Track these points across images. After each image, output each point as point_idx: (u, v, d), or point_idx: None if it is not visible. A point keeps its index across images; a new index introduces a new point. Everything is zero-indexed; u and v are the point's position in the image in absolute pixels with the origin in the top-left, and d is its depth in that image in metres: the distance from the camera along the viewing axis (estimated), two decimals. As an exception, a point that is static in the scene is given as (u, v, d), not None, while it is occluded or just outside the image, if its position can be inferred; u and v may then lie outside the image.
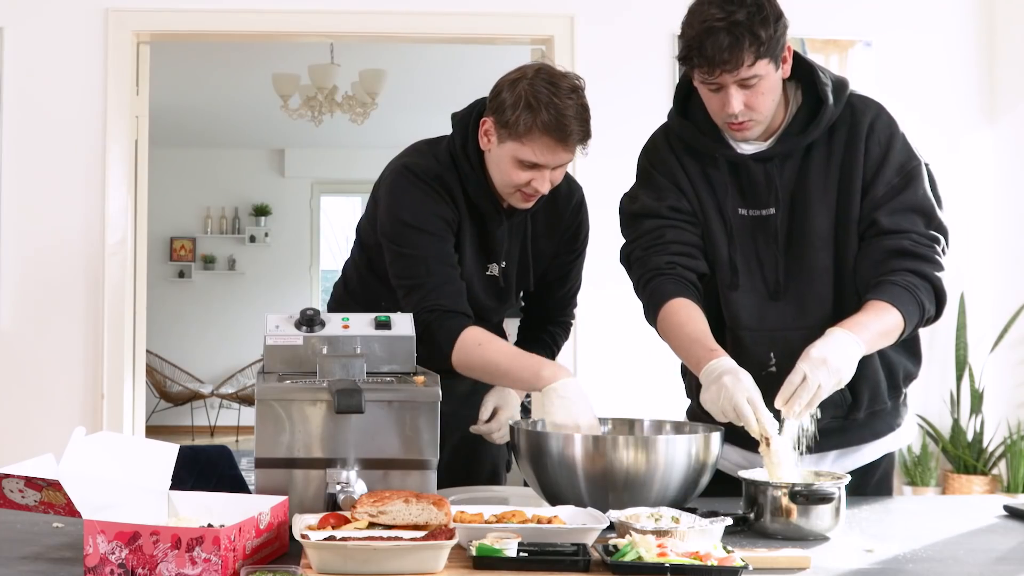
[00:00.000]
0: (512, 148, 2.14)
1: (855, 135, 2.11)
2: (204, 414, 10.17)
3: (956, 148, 4.79)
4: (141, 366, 4.84)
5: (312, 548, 1.50)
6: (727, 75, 2.00)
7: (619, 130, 4.75)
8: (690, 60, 2.02)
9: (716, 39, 1.97)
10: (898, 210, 2.09)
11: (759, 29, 1.98)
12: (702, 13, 2.00)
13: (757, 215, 2.15)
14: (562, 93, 2.10)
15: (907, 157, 2.12)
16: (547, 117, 2.08)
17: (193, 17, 4.68)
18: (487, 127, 2.19)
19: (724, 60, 1.98)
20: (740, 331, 2.15)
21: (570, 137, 2.11)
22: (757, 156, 2.13)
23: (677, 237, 2.15)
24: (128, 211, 4.66)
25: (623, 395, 4.47)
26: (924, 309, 2.05)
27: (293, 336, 1.92)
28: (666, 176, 2.20)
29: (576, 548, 1.56)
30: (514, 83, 2.13)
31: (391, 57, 6.96)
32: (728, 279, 2.16)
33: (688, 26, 2.02)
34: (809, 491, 1.78)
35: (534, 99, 2.09)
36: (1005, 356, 4.91)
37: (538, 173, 2.15)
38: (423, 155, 2.28)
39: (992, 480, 4.82)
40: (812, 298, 2.13)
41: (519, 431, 1.95)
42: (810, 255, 2.13)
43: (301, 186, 10.69)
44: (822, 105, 2.10)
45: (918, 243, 2.07)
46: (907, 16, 4.86)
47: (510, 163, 2.15)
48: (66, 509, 1.63)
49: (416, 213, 2.21)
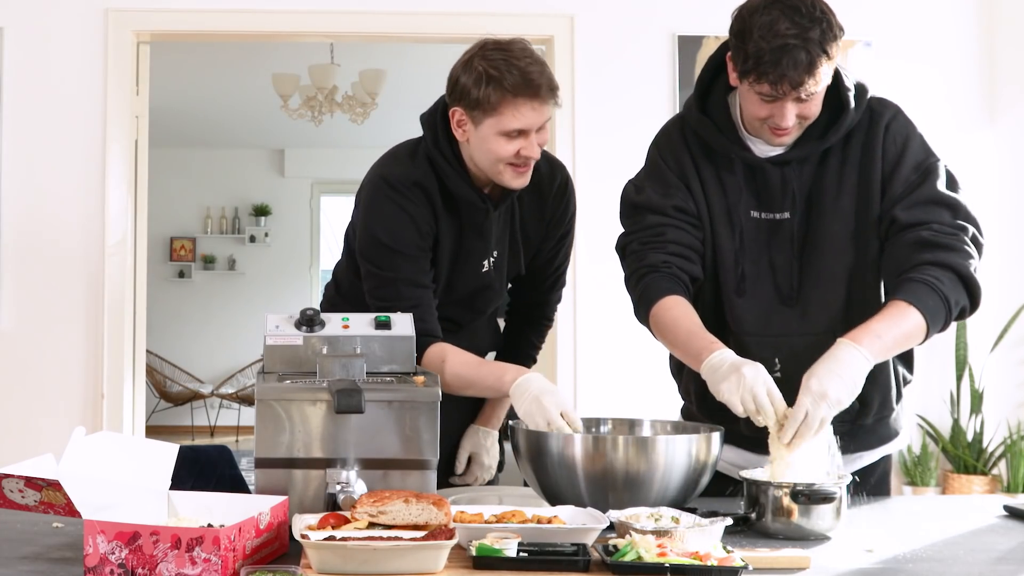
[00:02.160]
0: (492, 124, 2.14)
1: (872, 138, 2.09)
2: (204, 414, 10.17)
3: (956, 148, 4.79)
4: (141, 366, 4.84)
5: (312, 548, 1.49)
6: (798, 90, 1.95)
7: (619, 130, 4.77)
8: (760, 76, 1.95)
9: (793, 58, 1.91)
10: (917, 204, 2.05)
11: (830, 45, 1.94)
12: (772, 27, 1.92)
13: (771, 218, 2.12)
14: (516, 55, 2.12)
15: (924, 155, 2.09)
16: (512, 80, 2.10)
17: (193, 17, 4.69)
18: (458, 117, 2.18)
19: (800, 81, 1.93)
20: (744, 336, 2.12)
21: (540, 90, 2.12)
22: (775, 159, 2.10)
23: (677, 238, 2.12)
24: (128, 211, 4.66)
25: (623, 395, 4.48)
26: (949, 303, 1.97)
27: (293, 336, 1.92)
28: (676, 173, 2.16)
29: (576, 548, 1.55)
30: (467, 64, 2.15)
31: (391, 57, 6.96)
32: (735, 284, 2.13)
33: (757, 39, 1.93)
34: (811, 491, 1.78)
35: (494, 70, 2.10)
36: (1005, 356, 4.91)
37: (525, 140, 2.15)
38: (400, 161, 2.27)
39: (992, 480, 4.83)
40: (820, 304, 2.10)
41: (519, 431, 1.95)
42: (820, 260, 2.10)
43: (301, 186, 10.69)
44: (843, 110, 2.06)
45: (939, 232, 2.02)
46: (907, 16, 4.86)
47: (495, 140, 2.15)
48: (66, 509, 1.63)
49: (391, 232, 2.20)
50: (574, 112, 4.72)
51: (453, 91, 2.17)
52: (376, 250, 2.22)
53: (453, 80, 2.17)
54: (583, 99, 4.74)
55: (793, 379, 1.96)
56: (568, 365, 4.71)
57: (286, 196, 10.65)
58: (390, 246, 2.20)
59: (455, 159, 2.23)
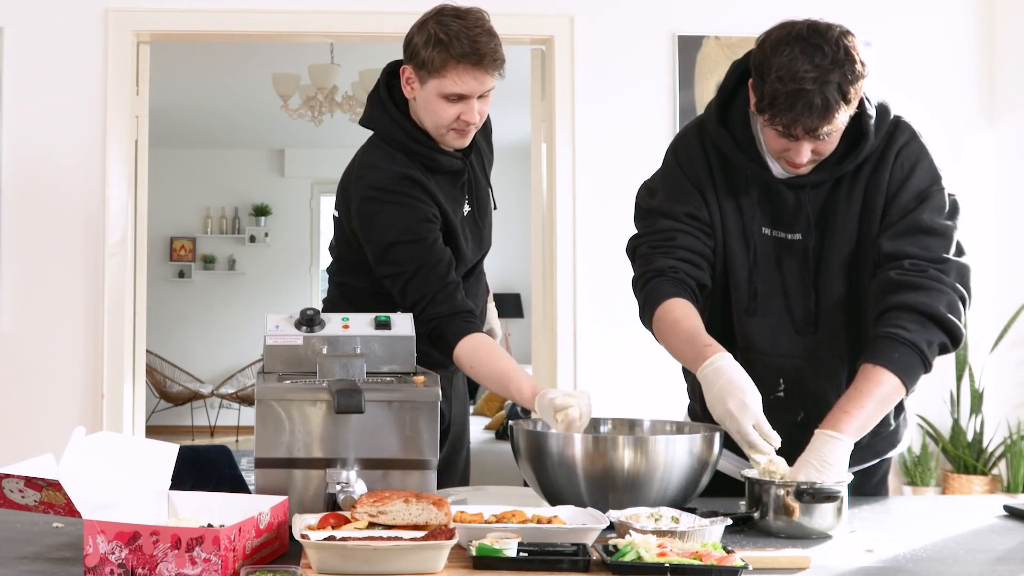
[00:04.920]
0: (435, 85, 2.21)
1: (883, 162, 2.05)
2: (204, 414, 10.17)
3: (956, 148, 4.80)
4: (141, 366, 4.84)
5: (312, 548, 1.49)
6: (807, 135, 1.93)
7: (618, 130, 4.77)
8: (774, 116, 1.92)
9: (808, 101, 1.87)
10: (901, 233, 2.02)
11: (849, 88, 1.89)
12: (791, 68, 1.88)
13: (783, 237, 2.09)
14: (470, 23, 2.19)
15: (928, 183, 2.05)
16: (460, 46, 2.17)
17: (193, 17, 4.68)
18: (408, 75, 2.26)
19: (814, 127, 1.90)
20: (752, 354, 2.10)
21: (484, 59, 2.18)
22: (790, 182, 2.07)
23: (687, 244, 2.10)
24: (128, 211, 4.66)
25: (623, 395, 4.48)
26: (920, 348, 1.94)
27: (293, 336, 1.92)
28: (692, 180, 2.13)
29: (576, 548, 1.55)
30: (422, 26, 2.22)
31: (391, 57, 6.93)
32: (746, 303, 2.11)
33: (774, 79, 1.90)
34: (814, 490, 1.78)
35: (444, 34, 2.17)
36: (1005, 356, 4.91)
37: (465, 105, 2.22)
38: (377, 157, 2.29)
39: (992, 480, 4.82)
40: (829, 328, 2.09)
41: (519, 431, 1.95)
42: (831, 285, 2.08)
43: (301, 186, 10.69)
44: (863, 137, 2.03)
45: (910, 271, 1.98)
46: (907, 16, 4.86)
47: (436, 101, 2.22)
48: (66, 509, 1.63)
49: (400, 229, 2.22)
50: (574, 112, 4.72)
51: (406, 49, 2.26)
52: (389, 250, 2.22)
53: (408, 40, 2.26)
54: (583, 99, 4.74)
55: (795, 399, 1.95)
56: (568, 365, 4.71)
57: (286, 196, 10.65)
58: (404, 240, 2.21)
59: (407, 120, 2.28)
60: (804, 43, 1.90)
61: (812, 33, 1.91)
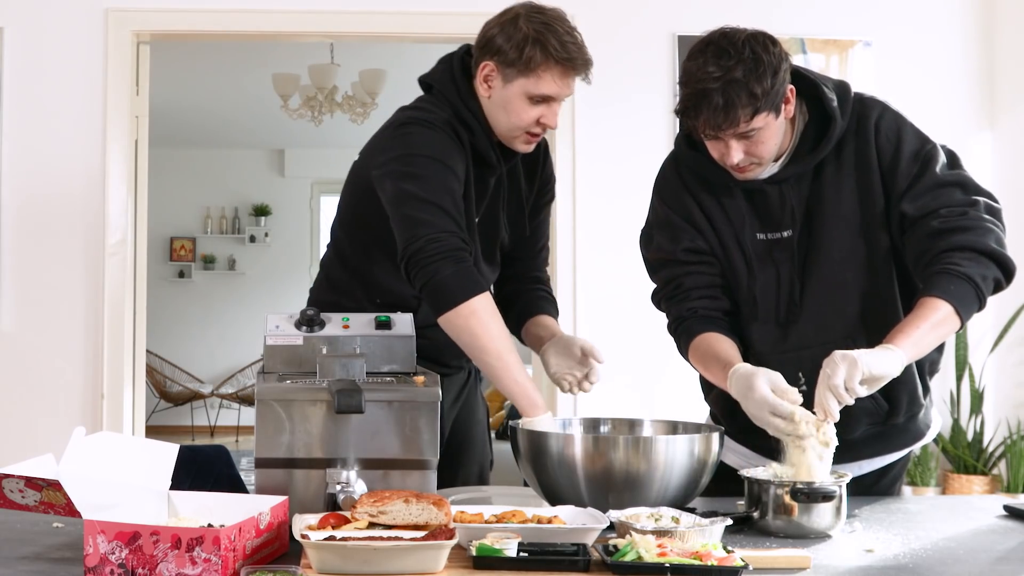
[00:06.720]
0: (523, 84, 2.16)
1: (864, 141, 2.08)
2: (204, 414, 10.17)
3: (956, 148, 4.75)
4: (141, 366, 4.84)
5: (312, 548, 1.50)
6: (724, 132, 1.98)
7: (618, 129, 4.77)
8: (686, 119, 2.01)
9: (710, 100, 1.94)
10: (921, 193, 2.04)
11: (755, 86, 1.94)
12: (698, 70, 1.95)
13: (776, 238, 2.12)
14: (561, 26, 2.15)
15: (920, 144, 2.08)
16: (555, 48, 2.13)
17: (193, 17, 4.68)
18: (488, 71, 2.19)
19: (718, 124, 1.95)
20: (764, 356, 2.11)
21: (577, 64, 2.16)
22: (772, 179, 2.10)
23: (696, 283, 2.16)
24: (128, 211, 4.66)
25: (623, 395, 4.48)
26: (975, 281, 1.95)
27: (293, 336, 1.92)
28: (680, 214, 2.17)
29: (576, 548, 1.55)
30: (511, 22, 2.15)
31: (391, 57, 6.96)
32: (748, 308, 2.16)
33: (684, 83, 1.98)
34: (811, 489, 1.78)
35: (538, 34, 2.13)
36: (1005, 356, 4.91)
37: (548, 108, 2.19)
38: (425, 101, 2.24)
39: (992, 480, 4.83)
40: (833, 314, 2.10)
41: (519, 431, 1.95)
42: (824, 270, 2.09)
43: (301, 186, 10.69)
44: (830, 122, 2.06)
45: (949, 217, 2.01)
46: (907, 16, 4.86)
47: (520, 101, 2.17)
48: (66, 509, 1.63)
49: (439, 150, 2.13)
50: (574, 111, 4.71)
51: (488, 46, 2.18)
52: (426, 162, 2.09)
53: (489, 36, 2.18)
54: (582, 98, 4.73)
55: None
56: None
57: (286, 196, 10.65)
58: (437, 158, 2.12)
59: (481, 113, 2.22)
60: (714, 47, 1.97)
61: (722, 39, 1.99)
